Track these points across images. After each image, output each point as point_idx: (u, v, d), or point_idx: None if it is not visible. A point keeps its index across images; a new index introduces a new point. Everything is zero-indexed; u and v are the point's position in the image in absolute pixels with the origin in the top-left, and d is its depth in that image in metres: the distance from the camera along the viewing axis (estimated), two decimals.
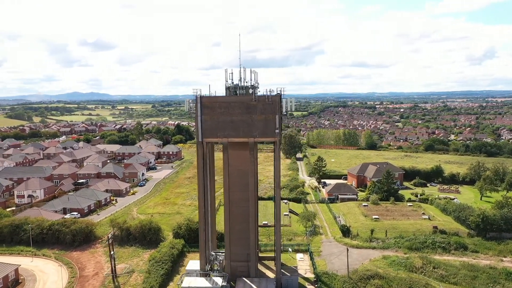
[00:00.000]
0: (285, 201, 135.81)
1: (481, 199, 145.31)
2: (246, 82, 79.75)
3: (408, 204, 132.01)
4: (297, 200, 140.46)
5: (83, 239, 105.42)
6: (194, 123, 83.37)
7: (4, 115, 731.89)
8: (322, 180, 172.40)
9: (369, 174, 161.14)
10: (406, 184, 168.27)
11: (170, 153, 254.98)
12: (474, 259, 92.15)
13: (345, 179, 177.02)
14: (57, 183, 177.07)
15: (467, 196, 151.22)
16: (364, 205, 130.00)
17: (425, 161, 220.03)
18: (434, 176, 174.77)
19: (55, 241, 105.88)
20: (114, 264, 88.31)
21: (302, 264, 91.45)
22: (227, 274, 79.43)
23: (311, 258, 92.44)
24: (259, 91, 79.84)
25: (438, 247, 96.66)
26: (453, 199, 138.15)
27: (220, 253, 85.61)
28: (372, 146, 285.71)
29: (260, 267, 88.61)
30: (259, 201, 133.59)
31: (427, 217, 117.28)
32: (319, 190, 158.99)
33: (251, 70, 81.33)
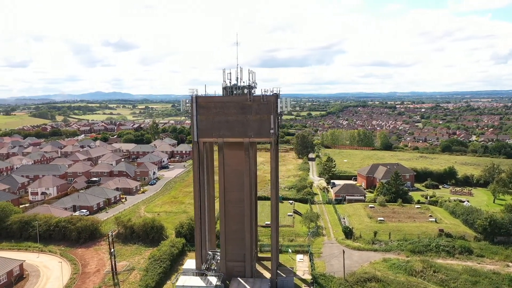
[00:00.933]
0: (291, 201, 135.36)
1: (494, 202, 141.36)
2: (243, 82, 79.70)
3: (416, 206, 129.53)
4: (303, 201, 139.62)
5: (88, 236, 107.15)
6: None
7: (29, 114, 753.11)
8: (332, 181, 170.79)
9: (378, 175, 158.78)
10: (417, 185, 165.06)
11: (184, 152, 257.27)
12: (479, 263, 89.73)
13: (356, 180, 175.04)
14: (71, 181, 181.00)
15: (479, 198, 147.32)
16: (371, 207, 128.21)
17: (441, 162, 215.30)
18: (447, 177, 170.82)
19: (61, 237, 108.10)
20: (115, 261, 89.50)
21: (301, 265, 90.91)
22: (222, 273, 79.53)
23: (310, 260, 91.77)
24: (254, 91, 79.61)
25: (442, 251, 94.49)
26: (464, 201, 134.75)
27: (218, 253, 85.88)
28: (387, 147, 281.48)
29: (259, 268, 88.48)
30: (265, 201, 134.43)
31: (433, 219, 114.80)
32: (328, 191, 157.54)
33: (249, 70, 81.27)
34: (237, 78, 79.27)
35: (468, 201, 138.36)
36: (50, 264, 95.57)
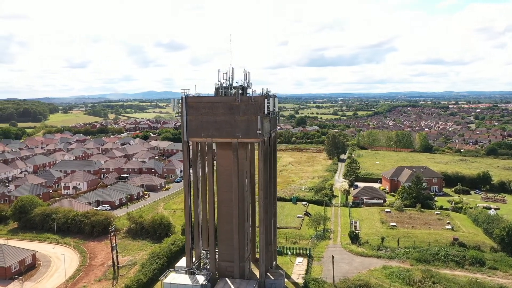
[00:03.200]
0: (304, 202, 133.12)
1: None
2: (236, 82, 79.55)
3: (436, 212, 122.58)
4: (319, 203, 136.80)
5: (101, 230, 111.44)
6: None
7: (84, 112, 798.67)
8: (355, 183, 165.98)
9: (402, 178, 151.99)
10: (446, 190, 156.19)
11: None
12: (490, 276, 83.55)
13: (381, 182, 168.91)
14: (103, 177, 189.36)
15: None
16: (387, 211, 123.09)
17: (480, 167, 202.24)
18: (480, 183, 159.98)
19: (77, 230, 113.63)
20: (117, 256, 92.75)
21: (298, 268, 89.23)
22: (211, 273, 79.85)
23: (308, 263, 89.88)
24: (249, 92, 79.20)
25: (451, 261, 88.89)
26: (490, 208, 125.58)
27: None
28: (427, 149, 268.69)
29: (254, 269, 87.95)
30: (285, 202, 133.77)
31: (450, 227, 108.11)
32: (349, 193, 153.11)
33: (244, 70, 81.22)
34: (230, 78, 79.26)
35: (497, 208, 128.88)
36: (62, 255, 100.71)
